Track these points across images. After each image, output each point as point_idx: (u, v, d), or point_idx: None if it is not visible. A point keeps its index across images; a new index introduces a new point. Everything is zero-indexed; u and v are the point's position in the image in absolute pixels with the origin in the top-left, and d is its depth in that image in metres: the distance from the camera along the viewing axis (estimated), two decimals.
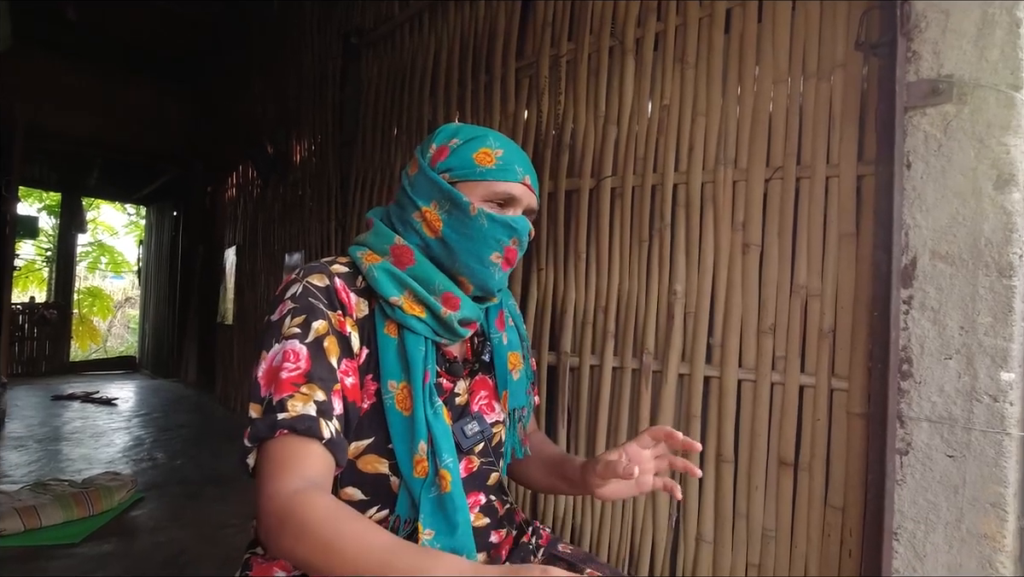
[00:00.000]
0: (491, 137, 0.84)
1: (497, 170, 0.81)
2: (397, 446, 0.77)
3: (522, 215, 0.84)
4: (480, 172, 0.81)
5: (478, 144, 0.83)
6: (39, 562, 1.95)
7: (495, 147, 0.83)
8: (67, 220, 8.01)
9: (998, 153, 1.03)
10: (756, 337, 1.39)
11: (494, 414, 0.89)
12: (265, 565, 0.81)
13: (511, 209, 0.83)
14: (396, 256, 0.82)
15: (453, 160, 0.83)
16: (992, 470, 1.01)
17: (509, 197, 0.82)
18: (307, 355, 0.71)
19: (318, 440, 0.67)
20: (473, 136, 0.84)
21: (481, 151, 0.82)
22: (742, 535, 1.38)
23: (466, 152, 0.82)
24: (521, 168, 0.83)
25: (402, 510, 0.77)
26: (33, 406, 4.85)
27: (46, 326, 7.29)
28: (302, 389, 0.69)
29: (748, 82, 1.45)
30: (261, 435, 0.67)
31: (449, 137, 0.85)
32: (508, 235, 0.82)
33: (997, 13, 1.03)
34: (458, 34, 2.30)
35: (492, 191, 0.81)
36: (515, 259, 0.85)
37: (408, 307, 0.79)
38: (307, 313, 0.73)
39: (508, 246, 0.82)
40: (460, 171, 0.82)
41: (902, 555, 1.10)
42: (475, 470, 0.86)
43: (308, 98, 3.73)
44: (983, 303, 1.03)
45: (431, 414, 0.77)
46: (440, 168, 0.83)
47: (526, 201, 0.84)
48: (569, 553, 0.93)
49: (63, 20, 5.05)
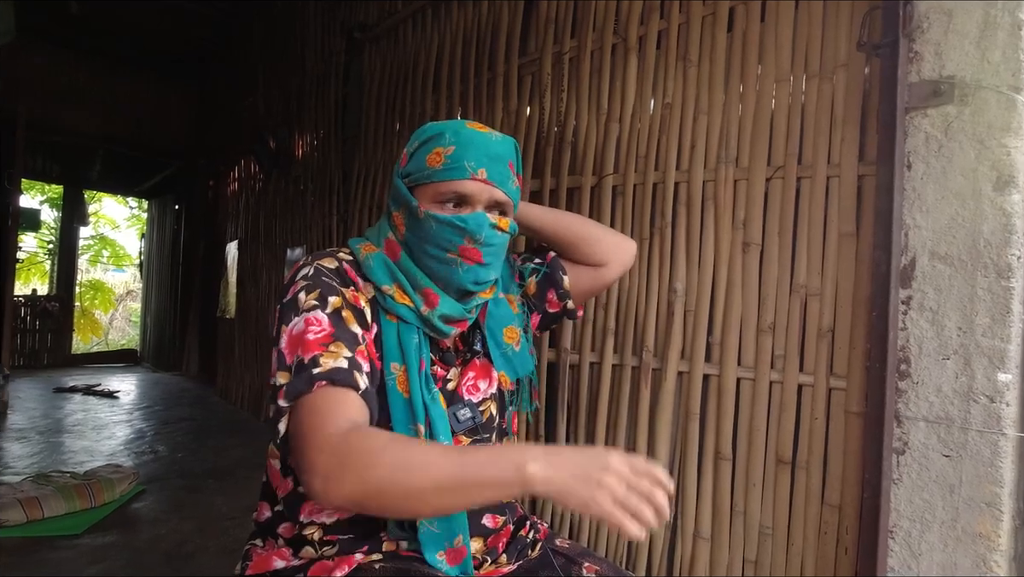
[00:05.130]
0: (448, 134, 0.83)
1: (444, 170, 0.81)
2: (396, 427, 0.79)
3: (481, 211, 0.82)
4: (428, 174, 0.82)
5: (433, 144, 0.83)
6: (41, 552, 1.96)
7: (447, 144, 0.82)
8: (69, 213, 8.02)
9: (998, 155, 1.03)
10: (755, 336, 1.40)
11: (480, 393, 0.92)
12: (265, 555, 0.82)
13: (467, 207, 0.82)
14: (388, 250, 0.86)
15: (411, 164, 0.85)
16: (988, 470, 1.02)
17: (457, 196, 0.81)
18: (328, 321, 0.74)
19: (355, 390, 0.70)
20: (430, 136, 0.84)
21: (434, 152, 0.82)
22: (739, 532, 1.39)
23: (421, 155, 0.84)
24: (473, 163, 0.81)
25: None
26: (35, 398, 4.87)
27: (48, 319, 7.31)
28: (330, 348, 0.71)
29: (750, 81, 1.45)
30: (300, 389, 0.68)
31: (413, 141, 0.87)
32: (459, 235, 0.80)
33: (999, 15, 1.04)
34: (461, 30, 2.30)
35: (439, 192, 0.81)
36: (480, 257, 0.82)
37: (398, 296, 0.82)
38: (321, 288, 0.77)
39: (462, 245, 0.81)
40: (416, 175, 0.84)
41: (898, 553, 1.11)
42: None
43: (311, 93, 3.73)
44: (981, 304, 1.04)
45: (429, 399, 0.80)
46: (402, 173, 0.86)
47: (484, 196, 0.82)
48: (567, 548, 0.94)
49: (67, 14, 5.04)
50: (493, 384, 0.93)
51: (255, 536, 0.87)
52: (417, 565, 0.79)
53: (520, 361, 0.96)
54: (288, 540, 0.82)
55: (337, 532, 0.80)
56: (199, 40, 5.90)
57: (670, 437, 1.53)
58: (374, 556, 0.80)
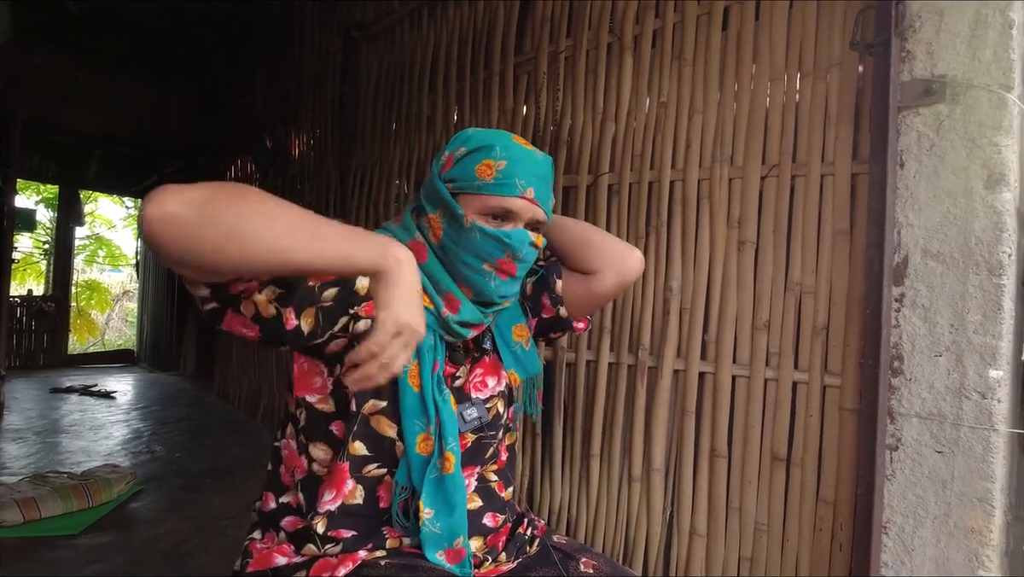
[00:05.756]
0: (498, 147, 0.83)
1: (495, 184, 0.81)
2: (406, 419, 0.80)
3: (523, 228, 0.84)
4: (478, 185, 0.82)
5: (483, 155, 0.83)
6: (39, 553, 1.96)
7: (499, 158, 0.82)
8: (65, 213, 7.98)
9: (989, 153, 1.04)
10: (750, 333, 1.41)
11: (488, 390, 0.92)
12: (266, 552, 0.82)
13: (510, 223, 0.83)
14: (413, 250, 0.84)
15: (456, 171, 0.84)
16: (980, 466, 1.03)
17: (505, 212, 0.82)
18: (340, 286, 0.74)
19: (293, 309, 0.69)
20: (480, 146, 0.84)
21: (484, 163, 0.82)
22: (735, 529, 1.40)
23: (470, 163, 0.83)
24: (523, 181, 0.82)
25: (400, 477, 0.81)
26: (31, 399, 4.86)
27: (44, 319, 7.28)
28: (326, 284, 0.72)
29: (745, 80, 1.46)
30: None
31: (457, 146, 0.86)
32: (501, 249, 0.82)
33: (990, 14, 1.04)
34: (457, 30, 2.30)
35: (487, 205, 0.82)
36: (516, 271, 0.84)
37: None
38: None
39: (502, 259, 0.82)
40: (461, 182, 0.83)
41: (891, 549, 1.12)
42: (469, 445, 0.89)
43: (308, 92, 3.72)
44: (973, 301, 1.05)
45: (440, 399, 0.81)
46: (446, 177, 0.85)
47: (528, 215, 0.83)
48: (564, 544, 0.95)
49: (65, 14, 5.02)
50: (502, 382, 0.94)
51: (254, 529, 0.87)
52: (421, 562, 0.80)
53: (529, 360, 0.97)
54: (290, 534, 0.83)
55: (341, 527, 0.80)
56: (199, 40, 5.88)
57: (666, 435, 1.54)
58: (378, 553, 0.81)
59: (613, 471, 1.62)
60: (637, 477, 1.57)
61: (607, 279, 0.99)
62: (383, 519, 0.82)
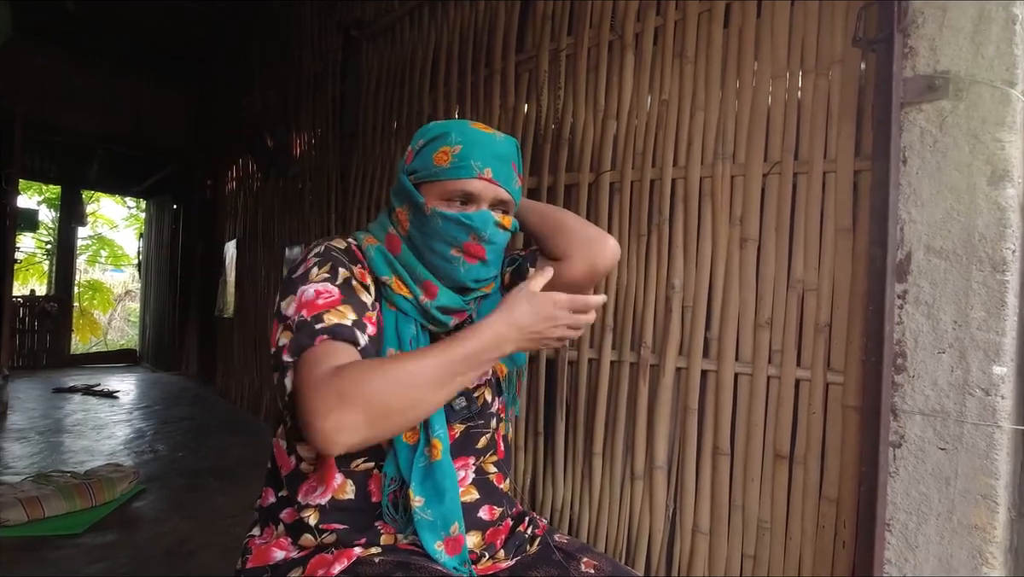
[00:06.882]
0: (454, 133, 0.84)
1: (451, 168, 0.83)
2: None
3: (486, 209, 0.84)
4: (435, 172, 0.84)
5: (439, 143, 0.85)
6: (43, 552, 1.97)
7: (455, 144, 0.83)
8: (67, 213, 8.00)
9: (992, 149, 1.04)
10: (753, 331, 1.41)
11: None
12: (264, 547, 0.83)
13: (472, 205, 0.84)
14: (388, 244, 0.88)
15: (417, 162, 0.87)
16: (983, 462, 1.02)
17: (464, 194, 0.83)
18: (339, 292, 0.76)
19: (354, 345, 0.72)
20: (437, 135, 0.86)
21: (440, 150, 0.84)
22: (738, 526, 1.40)
23: (428, 153, 0.85)
24: (479, 162, 0.83)
25: (389, 468, 0.82)
26: (34, 399, 4.87)
27: (47, 319, 7.29)
28: (338, 308, 0.74)
29: (747, 77, 1.45)
30: (303, 344, 0.70)
31: (418, 139, 0.89)
32: (464, 232, 0.82)
33: (993, 9, 1.04)
34: (458, 28, 2.30)
35: (447, 190, 0.83)
36: (484, 254, 0.84)
37: (396, 287, 0.85)
38: (332, 262, 0.80)
39: (467, 242, 0.83)
40: (422, 172, 0.85)
41: (894, 546, 1.11)
42: (458, 436, 0.89)
43: (308, 91, 3.72)
44: (976, 298, 1.04)
45: None
46: (408, 170, 0.88)
47: (489, 195, 0.84)
48: (566, 543, 0.95)
49: (64, 13, 5.03)
50: (488, 371, 0.93)
51: (254, 525, 0.88)
52: (416, 558, 0.79)
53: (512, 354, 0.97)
54: (288, 526, 0.83)
55: (332, 520, 0.80)
56: (199, 40, 5.88)
57: (668, 433, 1.53)
58: (373, 549, 0.81)
59: (616, 469, 1.62)
60: (640, 475, 1.57)
61: (576, 265, 0.95)
62: (375, 514, 0.82)
